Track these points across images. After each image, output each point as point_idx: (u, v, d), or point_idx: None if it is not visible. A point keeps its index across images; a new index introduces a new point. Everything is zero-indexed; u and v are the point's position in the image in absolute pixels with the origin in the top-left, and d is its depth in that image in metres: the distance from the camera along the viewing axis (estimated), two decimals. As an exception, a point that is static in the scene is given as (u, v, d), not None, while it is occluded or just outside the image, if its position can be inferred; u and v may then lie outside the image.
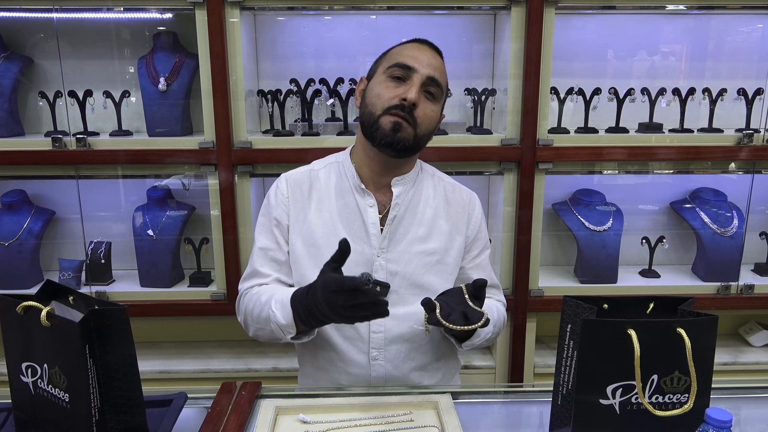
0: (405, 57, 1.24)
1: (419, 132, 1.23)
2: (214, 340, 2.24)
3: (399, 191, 1.29)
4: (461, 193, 1.38)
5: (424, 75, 1.22)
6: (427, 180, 1.36)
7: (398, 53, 1.27)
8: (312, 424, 1.05)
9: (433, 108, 1.25)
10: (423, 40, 1.31)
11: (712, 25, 2.22)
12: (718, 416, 0.80)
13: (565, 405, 0.96)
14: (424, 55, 1.25)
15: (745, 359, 2.13)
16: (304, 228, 1.30)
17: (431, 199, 1.33)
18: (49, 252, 2.25)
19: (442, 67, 1.29)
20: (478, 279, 1.12)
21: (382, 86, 1.24)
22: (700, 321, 0.89)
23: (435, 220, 1.32)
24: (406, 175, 1.32)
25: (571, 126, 2.10)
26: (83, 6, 2.03)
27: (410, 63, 1.22)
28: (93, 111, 2.07)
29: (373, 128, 1.23)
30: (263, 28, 2.15)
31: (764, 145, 1.99)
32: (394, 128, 1.20)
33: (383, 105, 1.22)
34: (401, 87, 1.22)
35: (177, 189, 2.19)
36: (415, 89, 1.21)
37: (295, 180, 1.33)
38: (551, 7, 1.87)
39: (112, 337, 0.92)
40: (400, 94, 1.21)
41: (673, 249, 2.34)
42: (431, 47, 1.30)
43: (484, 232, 1.40)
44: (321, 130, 2.05)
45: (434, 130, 1.29)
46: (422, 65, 1.23)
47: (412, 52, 1.25)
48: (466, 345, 1.24)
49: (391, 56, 1.27)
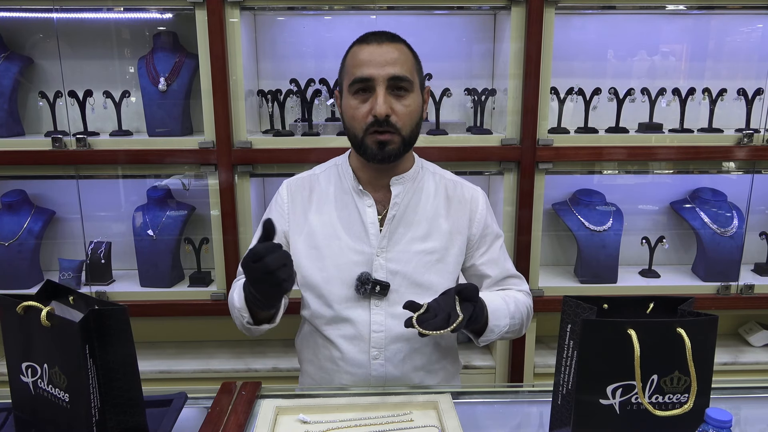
0: (359, 67, 1.19)
1: (404, 134, 1.22)
2: (214, 340, 2.24)
3: (398, 191, 1.29)
4: (463, 190, 1.37)
5: (384, 78, 1.18)
6: (428, 178, 1.35)
7: (352, 64, 1.22)
8: (312, 424, 1.05)
9: (408, 102, 1.21)
10: (370, 34, 1.24)
11: (712, 25, 2.22)
12: (718, 416, 0.80)
13: (565, 405, 0.96)
14: (377, 54, 1.19)
15: (745, 359, 2.13)
16: (305, 230, 1.31)
17: (431, 198, 1.33)
18: (49, 252, 2.25)
19: (401, 54, 1.21)
20: (468, 284, 1.11)
21: (351, 105, 1.22)
22: (700, 321, 0.89)
23: (435, 219, 1.31)
24: (406, 174, 1.31)
25: (571, 126, 2.10)
26: (83, 6, 2.03)
27: (365, 74, 1.18)
28: (93, 111, 2.07)
29: (361, 149, 1.24)
30: (263, 28, 2.15)
31: (764, 145, 1.99)
32: (380, 147, 1.21)
33: (360, 127, 1.21)
34: (368, 101, 1.20)
35: (177, 189, 2.19)
36: (381, 100, 1.18)
37: (297, 185, 1.36)
38: (551, 7, 1.87)
39: (112, 337, 0.92)
40: (370, 111, 1.19)
41: (673, 249, 2.34)
42: (381, 38, 1.22)
43: (492, 226, 1.37)
44: (321, 130, 2.05)
45: (420, 119, 1.27)
46: (378, 68, 1.18)
47: (365, 56, 1.20)
48: (482, 340, 1.24)
49: (348, 69, 1.23)
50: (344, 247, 1.28)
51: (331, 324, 1.29)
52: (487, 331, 1.21)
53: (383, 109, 1.18)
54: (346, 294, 1.27)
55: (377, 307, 1.27)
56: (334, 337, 1.29)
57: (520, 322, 1.29)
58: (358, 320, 1.27)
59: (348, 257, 1.27)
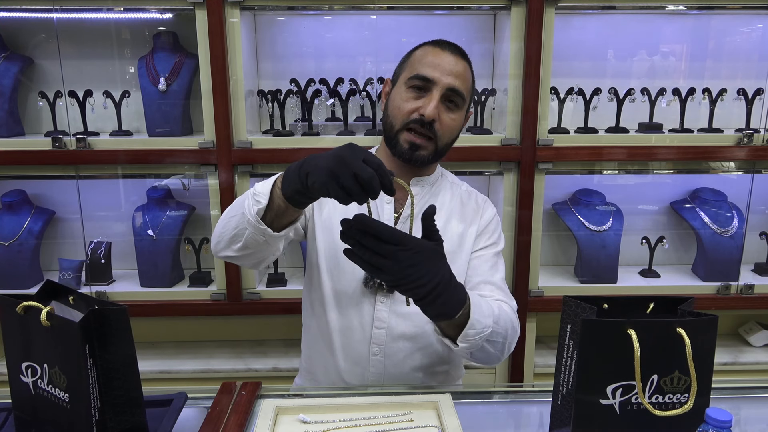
0: (425, 67, 1.22)
1: (440, 144, 1.24)
2: (214, 340, 2.24)
3: (416, 191, 1.31)
4: (477, 199, 1.40)
5: (444, 86, 1.20)
6: (446, 187, 1.38)
7: (419, 60, 1.24)
8: (312, 424, 1.05)
9: (455, 117, 1.25)
10: (446, 42, 1.27)
11: (712, 25, 2.22)
12: (718, 416, 0.80)
13: (565, 405, 0.96)
14: (446, 62, 1.22)
15: (745, 359, 2.13)
16: (324, 214, 1.32)
17: (446, 204, 1.35)
18: (49, 252, 2.25)
19: (465, 71, 1.25)
20: (429, 207, 1.02)
21: (402, 97, 1.23)
22: (700, 321, 0.89)
23: (448, 221, 1.33)
24: (427, 178, 1.34)
25: (571, 126, 2.10)
26: (83, 6, 2.03)
27: (430, 74, 1.20)
28: (93, 111, 2.07)
29: (392, 142, 1.25)
30: (263, 28, 2.15)
31: (764, 145, 1.99)
32: (411, 148, 1.22)
33: (402, 119, 1.22)
34: (421, 99, 1.21)
35: (177, 189, 2.19)
36: (433, 104, 1.20)
37: None
38: (551, 7, 1.87)
39: (112, 337, 0.92)
40: (419, 108, 1.21)
41: (673, 249, 2.34)
42: (454, 50, 1.25)
43: (495, 233, 1.36)
44: (321, 130, 2.05)
45: (457, 135, 1.30)
46: (443, 74, 1.20)
47: (433, 58, 1.22)
48: (461, 340, 1.12)
49: (412, 63, 1.25)
50: None
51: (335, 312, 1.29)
52: (468, 326, 1.06)
53: (433, 113, 1.20)
54: (354, 287, 1.28)
55: (382, 304, 1.27)
56: (335, 327, 1.29)
57: (504, 332, 1.14)
58: (361, 314, 1.27)
59: None
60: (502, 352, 1.17)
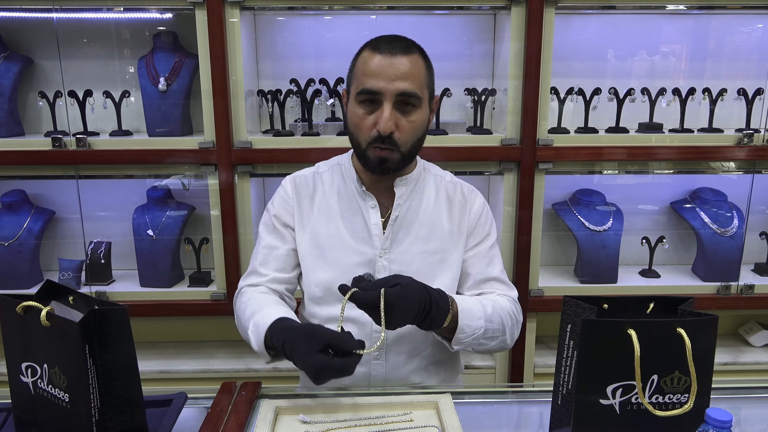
0: (369, 78, 1.16)
1: (405, 150, 1.21)
2: (214, 340, 2.24)
3: (401, 192, 1.29)
4: (463, 189, 1.36)
5: (393, 93, 1.15)
6: (430, 180, 1.35)
7: (362, 72, 1.18)
8: (312, 424, 1.05)
9: (414, 118, 1.19)
10: (384, 42, 1.18)
11: (712, 25, 2.22)
12: (718, 416, 0.80)
13: (565, 405, 0.96)
14: (389, 67, 1.15)
15: (745, 359, 2.13)
16: (308, 228, 1.31)
17: (433, 199, 1.33)
18: (49, 252, 2.25)
19: (414, 67, 1.17)
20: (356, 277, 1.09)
21: (356, 114, 1.20)
22: (700, 321, 0.89)
23: (437, 220, 1.31)
24: (409, 176, 1.31)
25: (571, 126, 2.10)
26: (83, 6, 2.03)
27: (375, 86, 1.15)
28: (93, 111, 2.07)
29: (362, 158, 1.23)
30: (263, 28, 2.15)
31: (764, 145, 1.99)
32: (380, 161, 1.20)
33: (364, 138, 1.20)
34: (374, 114, 1.18)
35: (177, 189, 2.19)
36: (386, 116, 1.15)
37: (301, 182, 1.34)
38: (551, 7, 1.87)
39: (112, 337, 0.92)
40: (374, 124, 1.17)
41: (673, 249, 2.34)
42: (395, 49, 1.16)
43: (486, 225, 1.35)
44: (321, 130, 2.05)
45: (424, 132, 1.26)
46: (389, 82, 1.14)
47: (375, 67, 1.16)
48: (455, 343, 1.18)
49: (357, 75, 1.20)
50: (347, 249, 1.28)
51: (333, 323, 1.29)
52: (458, 331, 1.14)
53: (387, 127, 1.16)
54: None
55: None
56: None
57: (501, 327, 1.20)
58: (359, 320, 1.27)
59: (351, 259, 1.27)
60: (504, 342, 1.23)
